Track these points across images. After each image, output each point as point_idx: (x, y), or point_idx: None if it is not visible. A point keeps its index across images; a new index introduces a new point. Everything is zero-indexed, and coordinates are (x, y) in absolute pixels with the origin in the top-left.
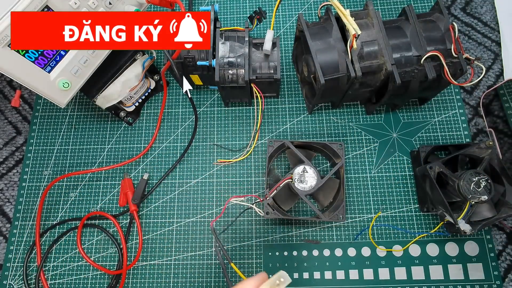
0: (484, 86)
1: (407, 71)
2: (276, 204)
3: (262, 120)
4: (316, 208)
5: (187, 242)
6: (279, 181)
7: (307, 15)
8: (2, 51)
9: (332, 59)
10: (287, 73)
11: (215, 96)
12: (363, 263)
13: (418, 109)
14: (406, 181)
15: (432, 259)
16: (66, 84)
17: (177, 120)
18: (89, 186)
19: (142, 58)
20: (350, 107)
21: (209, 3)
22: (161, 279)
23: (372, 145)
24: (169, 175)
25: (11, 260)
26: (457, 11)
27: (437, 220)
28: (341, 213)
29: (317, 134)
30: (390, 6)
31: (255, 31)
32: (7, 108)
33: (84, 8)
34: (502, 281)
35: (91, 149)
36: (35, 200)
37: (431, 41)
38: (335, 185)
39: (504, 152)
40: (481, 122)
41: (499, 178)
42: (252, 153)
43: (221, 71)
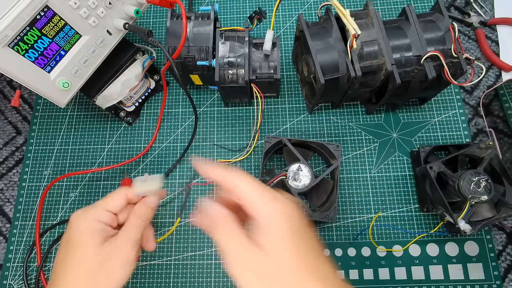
0: (484, 86)
1: (407, 71)
2: None
3: (262, 120)
4: (307, 207)
5: (187, 242)
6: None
7: (307, 15)
8: (2, 51)
9: (332, 59)
10: (287, 73)
11: (215, 96)
12: (363, 263)
13: (418, 109)
14: (406, 181)
15: (432, 259)
16: (66, 84)
17: (177, 120)
18: (89, 186)
19: (142, 58)
20: (350, 107)
21: (209, 3)
22: (161, 279)
23: (372, 145)
24: (169, 175)
25: (11, 260)
26: (457, 12)
27: (437, 220)
28: (332, 213)
29: (317, 134)
30: (390, 6)
31: (255, 31)
32: (7, 108)
33: (84, 8)
34: (502, 281)
35: (91, 149)
36: (35, 200)
37: (431, 41)
38: (329, 186)
39: (504, 152)
40: (481, 122)
41: (499, 178)
42: (252, 153)
43: (221, 71)
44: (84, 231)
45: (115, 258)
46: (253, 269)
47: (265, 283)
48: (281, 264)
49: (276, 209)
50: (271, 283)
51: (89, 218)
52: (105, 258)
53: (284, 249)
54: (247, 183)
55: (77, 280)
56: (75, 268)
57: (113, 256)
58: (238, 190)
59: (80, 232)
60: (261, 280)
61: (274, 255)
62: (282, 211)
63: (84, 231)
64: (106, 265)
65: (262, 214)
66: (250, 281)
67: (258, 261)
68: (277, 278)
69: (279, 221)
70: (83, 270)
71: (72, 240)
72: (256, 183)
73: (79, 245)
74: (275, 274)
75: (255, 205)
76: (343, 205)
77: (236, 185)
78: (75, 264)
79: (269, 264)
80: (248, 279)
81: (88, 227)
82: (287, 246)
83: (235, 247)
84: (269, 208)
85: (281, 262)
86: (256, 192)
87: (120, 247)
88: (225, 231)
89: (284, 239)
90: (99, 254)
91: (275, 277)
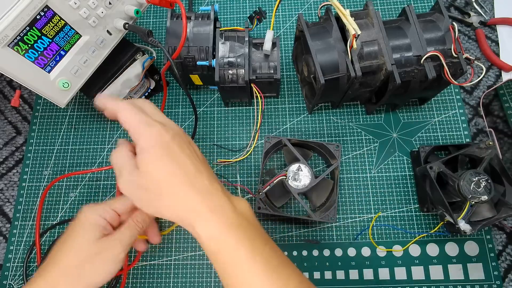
0: (484, 86)
1: (407, 71)
2: (269, 200)
3: (262, 120)
4: (307, 207)
5: (187, 242)
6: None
7: (307, 15)
8: (2, 51)
9: (332, 59)
10: (287, 73)
11: (215, 96)
12: (363, 263)
13: (418, 109)
14: (406, 181)
15: (432, 259)
16: (66, 84)
17: (177, 120)
18: (89, 186)
19: (142, 58)
20: (350, 107)
21: (209, 3)
22: (161, 279)
23: (372, 145)
24: None
25: (11, 260)
26: (457, 12)
27: (437, 220)
28: (332, 213)
29: (316, 134)
30: (390, 6)
31: (255, 31)
32: (7, 108)
33: (84, 9)
34: (502, 281)
35: (91, 149)
36: (35, 200)
37: (431, 41)
38: (329, 186)
39: (504, 152)
40: (481, 122)
41: (499, 178)
42: (252, 153)
43: (221, 71)
44: (88, 223)
45: (105, 254)
46: (139, 185)
47: (143, 193)
48: (154, 179)
49: (151, 134)
50: (147, 193)
51: (96, 212)
52: (97, 252)
53: (155, 168)
54: (128, 110)
55: (68, 265)
56: (70, 254)
57: (105, 252)
58: (121, 115)
59: (85, 223)
60: (140, 191)
61: (149, 173)
62: (156, 136)
63: (88, 223)
64: (96, 259)
65: (139, 139)
66: (131, 193)
67: (135, 178)
68: (151, 190)
69: (152, 145)
70: (75, 257)
71: (76, 228)
72: (135, 111)
73: (79, 234)
74: (150, 186)
75: (135, 131)
76: (343, 205)
77: (119, 111)
78: (71, 250)
79: (144, 180)
80: (130, 192)
81: (92, 220)
82: (159, 165)
83: (122, 168)
84: (145, 133)
85: (154, 177)
86: (134, 119)
87: (113, 246)
88: (117, 154)
89: (155, 157)
90: (93, 246)
91: (150, 188)
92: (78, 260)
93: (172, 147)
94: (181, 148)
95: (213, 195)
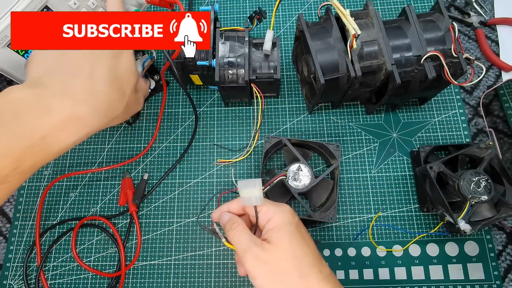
0: (484, 86)
1: (407, 71)
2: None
3: (262, 120)
4: (307, 207)
5: (187, 242)
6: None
7: (307, 15)
8: (2, 51)
9: (332, 59)
10: (287, 73)
11: (215, 96)
12: (363, 263)
13: (418, 109)
14: (406, 181)
15: (432, 259)
16: None
17: (177, 120)
18: (89, 186)
19: (142, 58)
20: (350, 107)
21: (209, 3)
22: (161, 279)
23: (372, 145)
24: (169, 175)
25: (11, 260)
26: (457, 12)
27: (437, 220)
28: (332, 213)
29: (316, 134)
30: (390, 6)
31: (255, 31)
32: None
33: (83, 9)
34: (502, 281)
35: (91, 149)
36: (35, 200)
37: (431, 41)
38: (329, 185)
39: (504, 152)
40: (481, 122)
41: (499, 178)
42: (252, 153)
43: (221, 71)
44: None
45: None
46: (264, 262)
47: (275, 273)
48: (289, 255)
49: (283, 212)
50: (280, 272)
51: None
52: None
53: (291, 243)
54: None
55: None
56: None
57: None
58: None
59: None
60: (272, 271)
61: (283, 247)
62: (287, 214)
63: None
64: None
65: (274, 216)
66: (262, 272)
67: (268, 255)
68: (285, 268)
69: (287, 221)
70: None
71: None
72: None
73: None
74: (284, 264)
75: (268, 209)
76: (343, 205)
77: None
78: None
79: (278, 255)
80: (260, 271)
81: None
82: (294, 240)
83: (247, 243)
84: (279, 211)
85: (289, 253)
86: (266, 201)
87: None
88: (238, 232)
89: (291, 234)
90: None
91: (284, 267)
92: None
93: (300, 228)
94: (306, 231)
95: (334, 283)
